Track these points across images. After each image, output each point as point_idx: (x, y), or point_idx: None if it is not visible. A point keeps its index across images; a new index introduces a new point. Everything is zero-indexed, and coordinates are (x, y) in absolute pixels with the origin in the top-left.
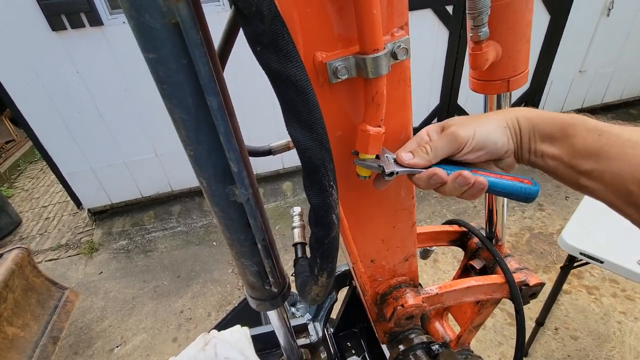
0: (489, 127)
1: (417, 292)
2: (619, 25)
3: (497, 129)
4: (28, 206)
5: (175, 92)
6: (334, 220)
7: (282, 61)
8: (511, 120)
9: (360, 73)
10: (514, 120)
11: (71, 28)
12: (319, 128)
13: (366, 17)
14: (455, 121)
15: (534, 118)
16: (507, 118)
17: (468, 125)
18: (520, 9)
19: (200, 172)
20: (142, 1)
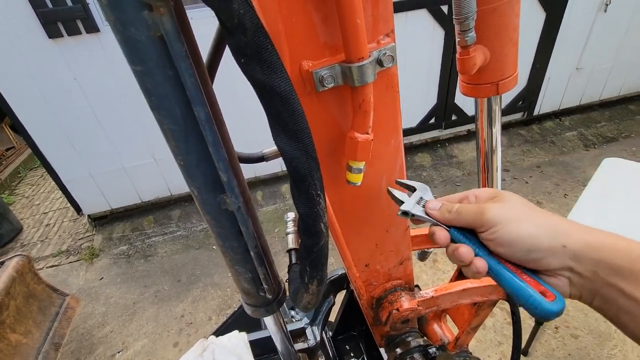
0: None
1: (412, 295)
2: (616, 21)
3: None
4: (29, 213)
5: (163, 104)
6: (322, 229)
7: (266, 72)
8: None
9: (346, 81)
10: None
11: (68, 35)
12: (305, 138)
13: (350, 27)
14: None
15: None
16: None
17: (512, 210)
18: (507, 13)
19: (190, 182)
20: (127, 15)
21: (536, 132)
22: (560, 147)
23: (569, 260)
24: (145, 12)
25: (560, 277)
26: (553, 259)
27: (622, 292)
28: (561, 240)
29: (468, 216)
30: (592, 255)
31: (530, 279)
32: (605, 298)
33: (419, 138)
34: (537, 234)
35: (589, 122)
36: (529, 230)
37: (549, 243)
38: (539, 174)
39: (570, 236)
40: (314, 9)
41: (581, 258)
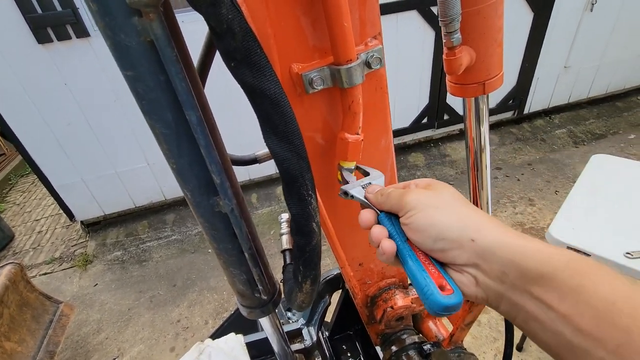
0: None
1: (406, 293)
2: (602, 20)
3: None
4: (20, 220)
5: (155, 108)
6: (315, 229)
7: (256, 76)
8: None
9: (335, 83)
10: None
11: (57, 40)
12: (295, 139)
13: (338, 30)
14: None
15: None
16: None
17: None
18: (490, 15)
19: (184, 185)
20: (117, 21)
21: (527, 130)
22: (550, 144)
23: (476, 257)
24: (134, 18)
25: (467, 274)
26: (460, 252)
27: (531, 295)
28: (471, 233)
29: (393, 199)
30: (501, 254)
31: (435, 270)
32: (513, 302)
33: (412, 138)
34: (448, 224)
35: (578, 120)
36: (440, 218)
37: (457, 234)
38: (531, 171)
39: (481, 231)
40: (302, 13)
41: (489, 256)
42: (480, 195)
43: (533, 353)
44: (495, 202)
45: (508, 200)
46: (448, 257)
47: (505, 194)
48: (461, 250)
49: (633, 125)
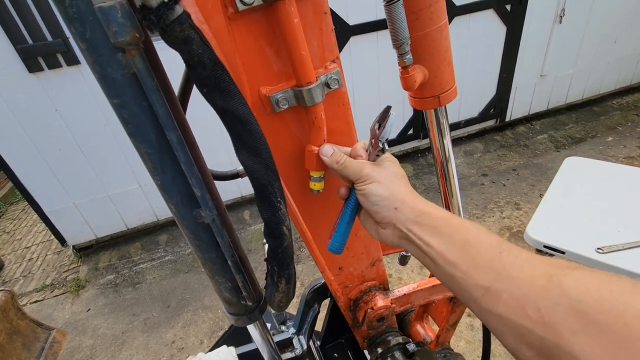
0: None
1: (386, 294)
2: (571, 31)
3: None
4: (10, 248)
5: (139, 131)
6: (285, 231)
7: (225, 99)
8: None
9: (299, 102)
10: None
11: (48, 69)
12: (263, 152)
13: (297, 57)
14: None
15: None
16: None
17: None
18: (437, 37)
19: (168, 199)
20: (104, 57)
21: (510, 137)
22: (533, 149)
23: (395, 218)
24: (119, 54)
25: (388, 229)
26: (386, 214)
27: (422, 240)
28: (396, 204)
29: (350, 170)
30: (409, 215)
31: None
32: (414, 245)
33: (400, 149)
34: (384, 195)
35: (558, 125)
36: (379, 191)
37: (387, 204)
38: (515, 176)
39: (404, 202)
40: (266, 44)
41: (403, 217)
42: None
43: None
44: (482, 208)
45: (495, 206)
46: (378, 216)
47: (492, 199)
48: (387, 212)
49: (610, 129)
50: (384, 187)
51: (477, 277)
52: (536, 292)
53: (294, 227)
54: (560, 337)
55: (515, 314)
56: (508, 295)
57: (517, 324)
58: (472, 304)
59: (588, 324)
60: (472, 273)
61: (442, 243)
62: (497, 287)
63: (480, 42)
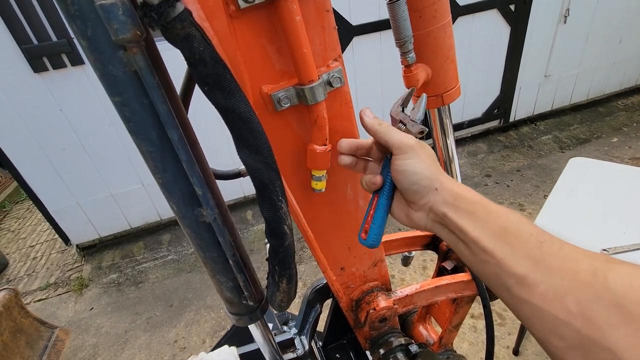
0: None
1: (388, 295)
2: (576, 31)
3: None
4: (15, 247)
5: (140, 129)
6: (286, 231)
7: (226, 97)
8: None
9: (301, 101)
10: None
11: (53, 69)
12: (264, 151)
13: (299, 55)
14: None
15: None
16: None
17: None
18: (440, 36)
19: (169, 197)
20: (105, 55)
21: (514, 137)
22: (537, 150)
23: (433, 201)
24: (120, 52)
25: (422, 213)
26: (424, 196)
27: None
28: (436, 185)
29: (395, 137)
30: (447, 197)
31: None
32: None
33: None
34: (425, 174)
35: (563, 126)
36: (422, 168)
37: (428, 183)
38: (519, 177)
39: (443, 183)
40: (268, 42)
41: (440, 198)
42: None
43: (529, 357)
44: None
45: None
46: (416, 196)
47: (496, 200)
48: (426, 194)
49: (615, 129)
50: (426, 165)
51: (513, 265)
52: (578, 285)
53: (296, 226)
54: (599, 331)
55: (552, 305)
56: (546, 286)
57: (552, 316)
58: (504, 291)
59: (629, 319)
60: (508, 261)
61: (478, 229)
62: (534, 277)
63: (484, 42)
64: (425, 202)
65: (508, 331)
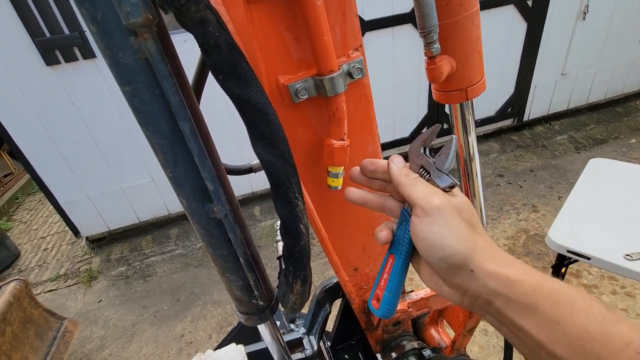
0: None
1: (402, 297)
2: (596, 28)
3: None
4: (26, 238)
5: (151, 120)
6: (302, 230)
7: (242, 87)
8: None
9: (319, 92)
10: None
11: (65, 62)
12: (281, 145)
13: (319, 43)
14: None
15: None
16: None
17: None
18: (468, 25)
19: (179, 192)
20: (115, 41)
21: (527, 137)
22: (552, 150)
23: (469, 283)
24: (131, 38)
25: (456, 292)
26: (456, 275)
27: (512, 322)
28: (472, 265)
29: (416, 192)
30: (492, 286)
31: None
32: (497, 320)
33: None
34: (455, 249)
35: (579, 126)
36: (450, 242)
37: (460, 262)
38: (533, 177)
39: (481, 264)
40: (286, 29)
41: (481, 284)
42: (474, 202)
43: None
44: (498, 209)
45: (511, 207)
46: (444, 274)
47: (509, 200)
48: (458, 274)
49: (633, 130)
50: (457, 236)
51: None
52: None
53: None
54: None
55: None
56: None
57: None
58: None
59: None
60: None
61: (544, 331)
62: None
63: (500, 39)
64: (458, 283)
65: None
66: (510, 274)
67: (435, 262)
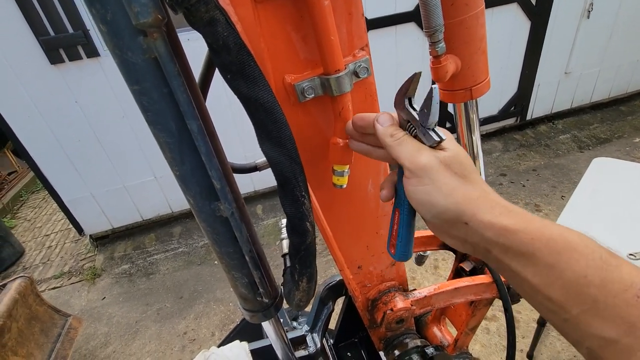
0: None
1: (406, 295)
2: (600, 26)
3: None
4: (31, 236)
5: (159, 119)
6: (308, 228)
7: (250, 86)
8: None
9: (326, 92)
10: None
11: (69, 61)
12: (288, 144)
13: (326, 43)
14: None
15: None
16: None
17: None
18: (473, 25)
19: (186, 190)
20: (124, 40)
21: (530, 136)
22: (555, 149)
23: (465, 235)
24: (140, 38)
25: (457, 241)
26: (452, 229)
27: (509, 268)
28: (465, 218)
29: (402, 153)
30: (488, 235)
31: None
32: (494, 266)
33: None
34: (446, 206)
35: (582, 125)
36: (441, 200)
37: (453, 217)
38: (536, 177)
39: (475, 215)
40: (293, 29)
41: (478, 235)
42: None
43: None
44: None
45: None
46: (441, 228)
47: (511, 200)
48: (455, 228)
49: (637, 129)
50: (444, 192)
51: (595, 325)
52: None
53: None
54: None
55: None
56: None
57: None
58: (581, 348)
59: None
60: (587, 319)
61: (540, 276)
62: (628, 343)
63: (503, 38)
64: (455, 234)
65: (522, 334)
66: (507, 224)
67: (430, 219)
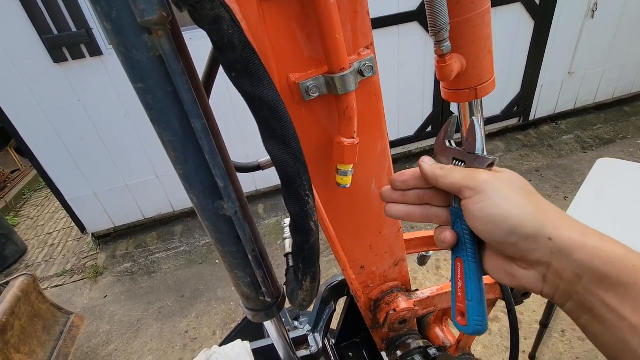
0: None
1: (408, 296)
2: (604, 26)
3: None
4: (33, 234)
5: (163, 117)
6: (312, 227)
7: (254, 85)
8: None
9: (330, 90)
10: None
11: (72, 59)
12: (292, 143)
13: (331, 41)
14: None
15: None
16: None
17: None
18: (479, 24)
19: (190, 189)
20: (129, 38)
21: (533, 136)
22: (558, 150)
23: (551, 256)
24: (145, 36)
25: (535, 271)
26: (533, 249)
27: (602, 301)
28: (548, 231)
29: (457, 177)
30: (578, 256)
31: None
32: (581, 304)
33: (417, 146)
34: (523, 217)
35: (585, 125)
36: (515, 210)
37: (534, 231)
38: (539, 177)
39: (559, 230)
40: (298, 27)
41: (565, 257)
42: None
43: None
44: None
45: None
46: (519, 252)
47: None
48: (535, 247)
49: None
50: (515, 202)
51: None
52: None
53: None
54: None
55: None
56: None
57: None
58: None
59: None
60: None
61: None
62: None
63: (506, 37)
64: (538, 258)
65: (524, 335)
66: (599, 245)
67: (505, 240)
